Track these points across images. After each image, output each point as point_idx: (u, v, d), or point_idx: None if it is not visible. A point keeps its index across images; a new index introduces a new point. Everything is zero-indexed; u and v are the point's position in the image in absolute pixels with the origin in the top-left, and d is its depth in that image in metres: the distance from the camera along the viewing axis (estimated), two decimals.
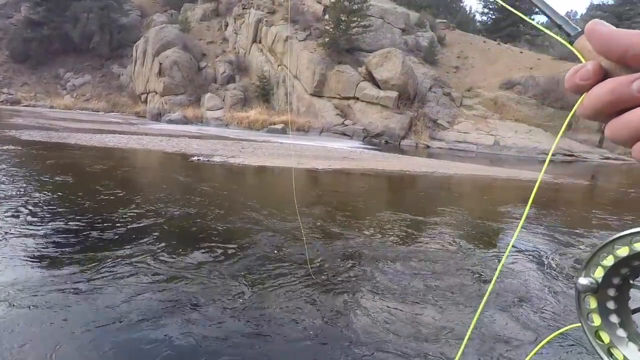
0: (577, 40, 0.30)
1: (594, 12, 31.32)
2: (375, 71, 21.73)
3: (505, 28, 33.94)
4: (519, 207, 6.99)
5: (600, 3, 29.80)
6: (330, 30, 23.31)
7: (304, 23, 26.06)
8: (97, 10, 34.22)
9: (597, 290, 0.30)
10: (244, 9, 30.47)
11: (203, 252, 3.68)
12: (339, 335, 2.50)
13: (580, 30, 0.30)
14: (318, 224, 4.96)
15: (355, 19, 23.04)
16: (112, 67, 36.24)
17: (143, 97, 30.18)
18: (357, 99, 22.18)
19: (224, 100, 25.92)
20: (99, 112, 30.24)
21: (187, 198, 5.72)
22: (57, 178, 6.31)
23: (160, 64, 26.67)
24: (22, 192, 5.24)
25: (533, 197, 0.46)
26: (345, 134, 21.18)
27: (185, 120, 24.05)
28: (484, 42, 29.55)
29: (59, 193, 5.39)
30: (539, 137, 19.70)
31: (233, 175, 8.43)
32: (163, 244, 3.78)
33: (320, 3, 27.61)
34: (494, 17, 36.39)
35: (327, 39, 23.31)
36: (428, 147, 19.93)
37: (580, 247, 4.93)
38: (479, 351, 2.43)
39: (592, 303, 0.30)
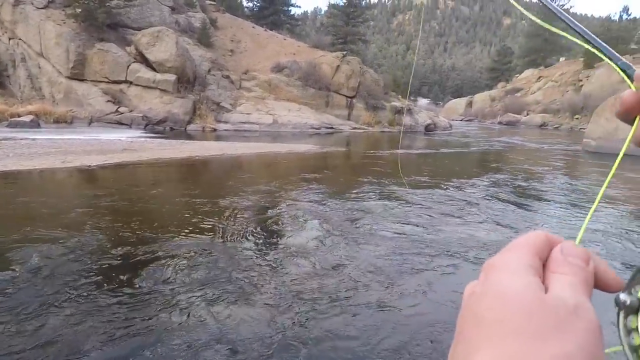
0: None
1: (331, 10, 38.39)
2: (147, 52, 20.01)
3: (270, 16, 37.15)
4: (303, 175, 8.41)
5: (335, 4, 37.03)
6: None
7: None
8: None
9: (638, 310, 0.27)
10: None
11: None
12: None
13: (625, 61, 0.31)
14: (100, 224, 4.65)
15: None
16: None
17: None
18: (131, 82, 20.00)
19: None
20: None
21: None
22: None
23: None
24: None
25: None
26: (122, 123, 18.90)
27: None
28: (253, 27, 31.55)
29: None
30: (307, 114, 23.18)
31: None
32: None
33: None
34: (259, 4, 39.08)
35: (79, 10, 19.65)
36: (215, 130, 20.27)
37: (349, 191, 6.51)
38: None
39: (634, 322, 0.27)
